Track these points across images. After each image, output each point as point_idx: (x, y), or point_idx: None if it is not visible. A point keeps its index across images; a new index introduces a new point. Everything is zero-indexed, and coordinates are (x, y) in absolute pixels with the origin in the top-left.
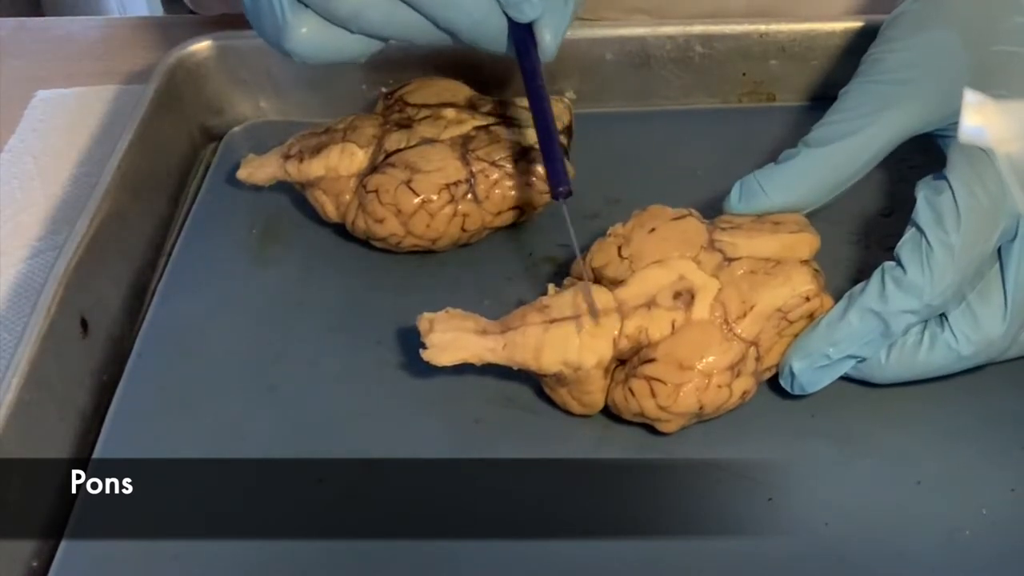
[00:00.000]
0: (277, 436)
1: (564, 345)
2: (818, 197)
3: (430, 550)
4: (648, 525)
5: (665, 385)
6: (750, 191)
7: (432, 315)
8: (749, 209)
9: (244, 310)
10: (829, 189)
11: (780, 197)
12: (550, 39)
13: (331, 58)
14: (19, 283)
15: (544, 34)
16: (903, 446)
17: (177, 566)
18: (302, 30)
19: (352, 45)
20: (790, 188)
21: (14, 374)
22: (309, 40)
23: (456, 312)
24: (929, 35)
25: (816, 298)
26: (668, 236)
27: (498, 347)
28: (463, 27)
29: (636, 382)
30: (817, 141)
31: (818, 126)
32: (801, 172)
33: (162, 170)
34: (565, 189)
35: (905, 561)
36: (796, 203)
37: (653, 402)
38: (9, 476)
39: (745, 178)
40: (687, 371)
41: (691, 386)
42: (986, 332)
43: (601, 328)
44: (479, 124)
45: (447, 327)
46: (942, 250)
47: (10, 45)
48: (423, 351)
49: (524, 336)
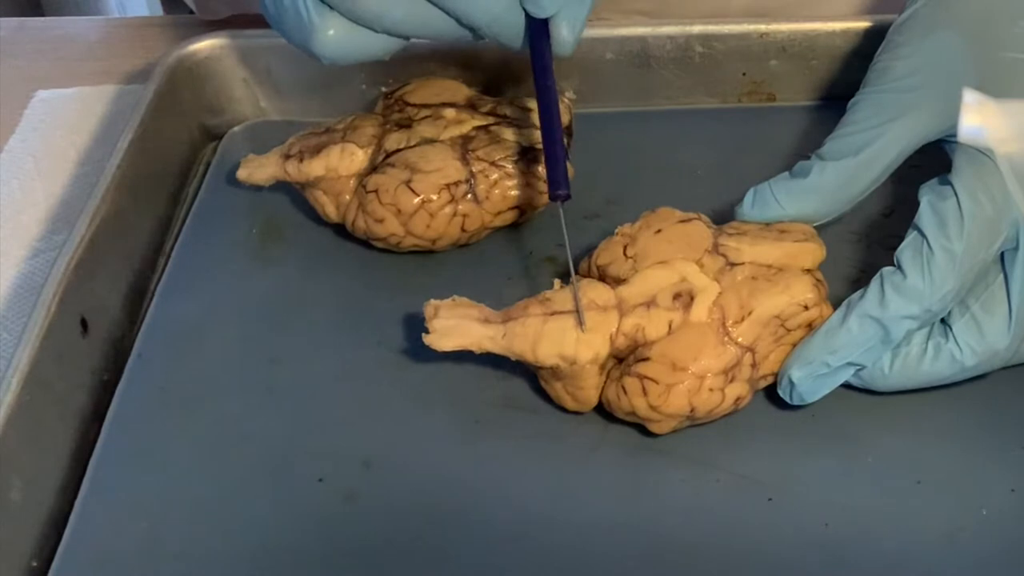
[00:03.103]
0: (277, 436)
1: (561, 338)
2: (832, 210)
3: (430, 550)
4: (648, 525)
5: (657, 384)
6: (763, 200)
7: (438, 302)
8: (761, 218)
9: (244, 310)
10: (844, 202)
11: (793, 208)
12: (567, 34)
13: (357, 57)
14: (19, 283)
15: (561, 29)
16: (903, 446)
17: (177, 566)
18: (329, 32)
19: (377, 44)
20: (804, 200)
21: (14, 374)
22: (336, 41)
23: (462, 300)
24: (936, 41)
25: (815, 308)
26: (673, 238)
27: (498, 336)
28: (483, 22)
29: (629, 380)
30: (831, 155)
31: (831, 139)
32: (815, 186)
33: (162, 170)
34: (564, 193)
35: (905, 561)
36: (810, 215)
37: (644, 401)
38: (9, 476)
39: (759, 186)
40: (680, 372)
41: (683, 387)
42: (991, 343)
43: (599, 324)
44: (479, 124)
45: (451, 314)
46: (944, 256)
47: (10, 45)
48: (425, 336)
49: (524, 327)
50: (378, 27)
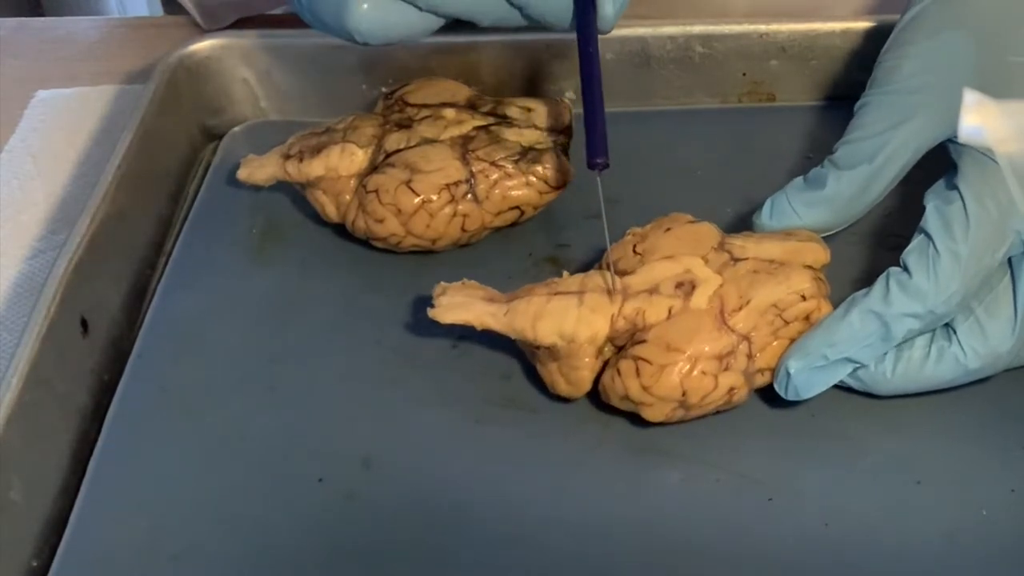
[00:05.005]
0: (277, 436)
1: (562, 316)
2: (848, 218)
3: (430, 550)
4: (648, 525)
5: (650, 365)
6: (781, 209)
7: (447, 284)
8: (780, 226)
9: (244, 310)
10: (859, 210)
11: (810, 217)
12: (611, 11)
13: (392, 36)
14: (19, 283)
15: (606, 4)
16: (903, 446)
17: (177, 566)
18: (363, 6)
19: (414, 22)
20: (821, 209)
21: (14, 374)
22: (372, 16)
23: (471, 283)
24: (944, 41)
25: (813, 299)
26: (682, 236)
27: (500, 313)
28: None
29: (624, 362)
30: (846, 163)
31: (843, 144)
32: (833, 195)
33: (162, 170)
34: (602, 161)
35: (905, 561)
36: (827, 223)
37: (637, 382)
38: (9, 476)
39: (776, 196)
40: (674, 353)
41: (675, 368)
42: (994, 346)
43: (601, 305)
44: (479, 124)
45: (458, 293)
46: (949, 258)
47: (10, 45)
48: (430, 309)
49: (527, 304)
50: (423, 3)
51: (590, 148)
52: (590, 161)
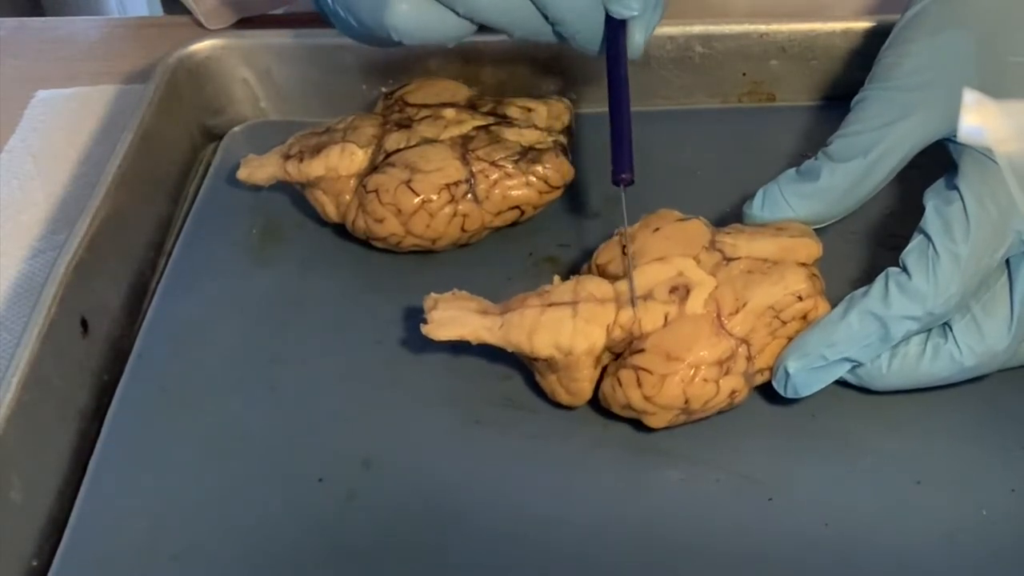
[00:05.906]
0: (277, 436)
1: (557, 328)
2: (840, 211)
3: (430, 550)
4: (648, 525)
5: (651, 375)
6: (773, 201)
7: (438, 295)
8: (771, 218)
9: (244, 310)
10: (852, 204)
11: (803, 210)
12: (639, 38)
13: (427, 37)
14: (19, 283)
15: (635, 33)
16: (903, 446)
17: (177, 566)
18: (403, 5)
19: (449, 26)
20: (814, 202)
21: (14, 374)
22: (410, 16)
23: (462, 294)
24: (945, 39)
25: (810, 299)
26: (671, 235)
27: (495, 327)
28: (569, 16)
29: (624, 372)
30: (840, 156)
31: (838, 137)
32: (826, 188)
33: (162, 170)
34: (627, 177)
35: (905, 561)
36: (819, 215)
37: (639, 392)
38: (9, 476)
39: (768, 187)
40: (674, 362)
41: (677, 377)
42: (990, 344)
43: (596, 315)
44: (479, 124)
45: (450, 306)
46: (948, 259)
47: (10, 45)
48: (423, 326)
49: (521, 317)
50: (462, 8)
51: (616, 164)
52: (615, 177)
